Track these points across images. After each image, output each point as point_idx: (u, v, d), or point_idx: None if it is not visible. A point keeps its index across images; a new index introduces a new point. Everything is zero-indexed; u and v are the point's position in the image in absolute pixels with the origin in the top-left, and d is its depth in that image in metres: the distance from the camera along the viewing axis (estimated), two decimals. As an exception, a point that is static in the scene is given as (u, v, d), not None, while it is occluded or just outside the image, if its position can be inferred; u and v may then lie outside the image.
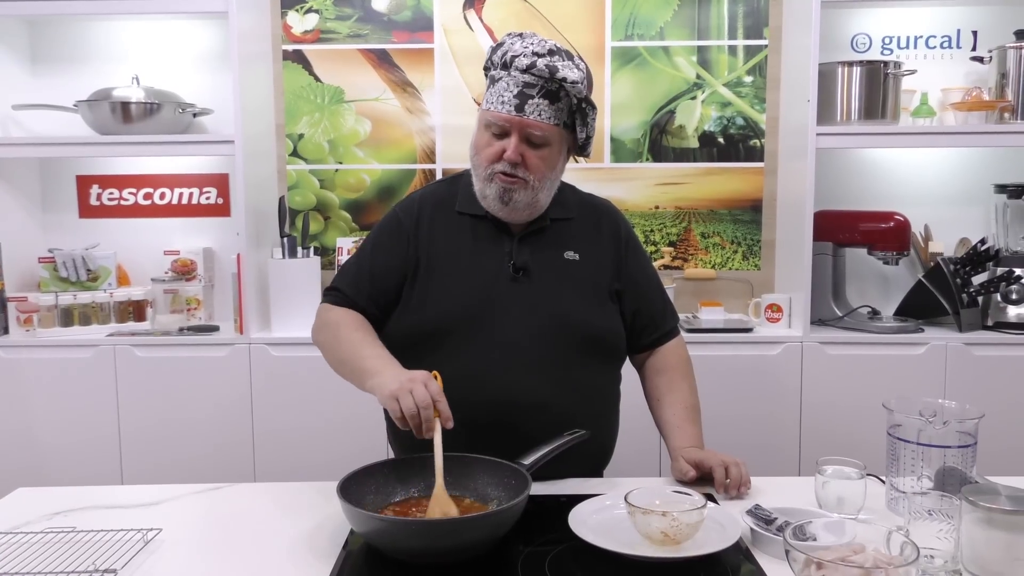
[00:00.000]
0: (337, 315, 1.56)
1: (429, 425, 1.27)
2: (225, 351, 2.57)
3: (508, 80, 1.45)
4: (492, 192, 1.50)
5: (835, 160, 2.80)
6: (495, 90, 1.47)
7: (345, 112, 2.87)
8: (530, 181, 1.48)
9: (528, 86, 1.44)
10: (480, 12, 2.83)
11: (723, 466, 1.43)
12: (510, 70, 1.45)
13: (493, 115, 1.46)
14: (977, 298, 2.62)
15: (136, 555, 1.20)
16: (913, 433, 1.31)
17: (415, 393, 1.27)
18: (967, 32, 2.78)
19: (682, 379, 1.65)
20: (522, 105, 1.44)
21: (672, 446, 1.57)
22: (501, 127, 1.46)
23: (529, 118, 1.44)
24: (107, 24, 2.82)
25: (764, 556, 1.18)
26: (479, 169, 1.51)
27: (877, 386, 2.50)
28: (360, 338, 1.49)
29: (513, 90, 1.44)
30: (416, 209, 1.60)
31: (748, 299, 2.80)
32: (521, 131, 1.45)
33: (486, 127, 1.49)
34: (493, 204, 1.52)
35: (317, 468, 2.49)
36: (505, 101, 1.45)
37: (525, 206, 1.51)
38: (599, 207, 1.67)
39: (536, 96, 1.44)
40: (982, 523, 1.05)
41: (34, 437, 2.59)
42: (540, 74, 1.43)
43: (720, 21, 2.82)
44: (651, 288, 1.67)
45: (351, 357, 1.46)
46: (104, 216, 2.90)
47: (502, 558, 1.18)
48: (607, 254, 1.60)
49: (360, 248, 1.63)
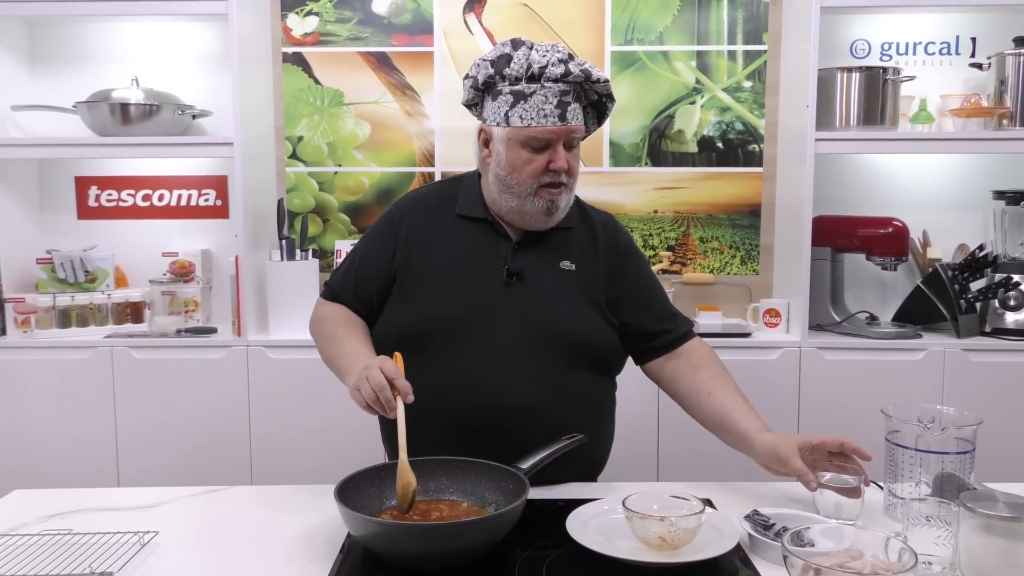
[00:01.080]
0: (326, 310, 1.62)
1: (390, 404, 1.30)
2: (223, 353, 2.56)
3: (545, 92, 1.44)
4: (537, 207, 1.49)
5: (834, 165, 2.80)
6: (530, 105, 1.44)
7: (344, 115, 2.87)
8: (569, 184, 1.50)
9: (564, 93, 1.45)
10: (480, 16, 2.83)
11: (837, 441, 1.35)
12: (542, 81, 1.44)
13: (538, 131, 1.44)
14: (975, 304, 2.63)
15: (133, 557, 1.20)
16: (911, 439, 1.31)
17: (371, 378, 1.31)
18: (966, 39, 2.79)
19: (726, 372, 1.60)
20: (564, 114, 1.45)
21: (747, 428, 1.46)
22: (547, 140, 1.45)
23: (573, 124, 1.46)
24: (107, 25, 2.82)
25: (762, 562, 1.18)
26: (521, 187, 1.48)
27: (875, 392, 2.50)
28: (343, 334, 1.52)
29: (553, 101, 1.44)
30: (411, 209, 1.60)
31: (746, 304, 2.80)
32: (566, 139, 1.47)
33: (523, 145, 1.46)
34: (536, 219, 1.51)
35: (314, 471, 2.48)
36: (548, 114, 1.44)
37: (563, 211, 1.53)
38: (599, 220, 1.65)
39: (572, 102, 1.46)
40: (980, 530, 1.05)
41: (31, 438, 2.58)
42: (576, 79, 1.45)
43: (720, 26, 2.82)
44: (653, 294, 1.64)
45: (333, 355, 1.51)
46: (102, 217, 2.90)
47: (500, 562, 1.18)
48: (602, 267, 1.59)
49: (356, 245, 1.65)
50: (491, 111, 1.50)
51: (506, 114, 1.46)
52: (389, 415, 1.30)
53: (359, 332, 1.54)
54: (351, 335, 1.52)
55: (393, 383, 1.30)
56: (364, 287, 1.58)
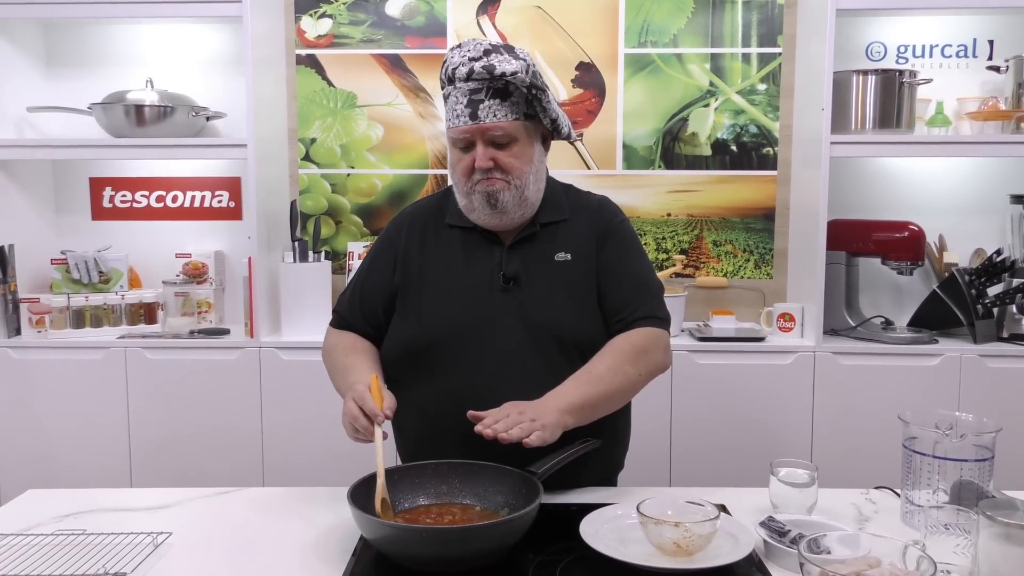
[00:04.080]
0: (333, 340, 1.63)
1: (367, 431, 1.33)
2: (235, 354, 2.57)
3: (456, 93, 1.46)
4: (478, 201, 1.49)
5: (849, 169, 2.78)
6: (449, 106, 1.48)
7: (357, 117, 2.87)
8: (511, 181, 1.48)
9: (475, 92, 1.45)
10: (493, 18, 2.83)
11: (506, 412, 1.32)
12: (455, 83, 1.46)
13: (454, 131, 1.48)
14: (992, 309, 2.60)
15: (146, 558, 1.20)
16: (929, 446, 1.30)
17: (346, 414, 1.36)
18: (983, 41, 2.77)
19: (608, 355, 1.48)
20: (475, 112, 1.45)
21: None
22: (465, 139, 1.47)
23: (486, 122, 1.45)
24: (121, 27, 2.84)
25: (778, 569, 1.17)
26: (460, 187, 1.52)
27: (890, 397, 2.48)
28: (348, 364, 1.53)
29: (463, 101, 1.45)
30: (406, 225, 1.61)
31: (760, 308, 2.78)
32: (483, 137, 1.46)
33: (453, 145, 1.51)
34: (483, 214, 1.51)
35: (326, 473, 2.48)
36: (459, 114, 1.46)
37: (515, 206, 1.50)
38: (591, 203, 1.63)
39: (486, 99, 1.45)
40: (1000, 538, 1.04)
41: (45, 438, 2.60)
42: (480, 77, 1.44)
43: (734, 29, 2.81)
44: (625, 276, 1.55)
45: (339, 388, 1.53)
46: (116, 218, 2.91)
47: (512, 567, 1.17)
48: (592, 248, 1.56)
49: (359, 266, 1.66)
50: None
51: (446, 117, 1.51)
52: (372, 439, 1.33)
53: (364, 360, 1.54)
54: (355, 365, 1.52)
55: (363, 409, 1.33)
56: (370, 307, 1.59)
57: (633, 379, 1.48)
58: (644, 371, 1.49)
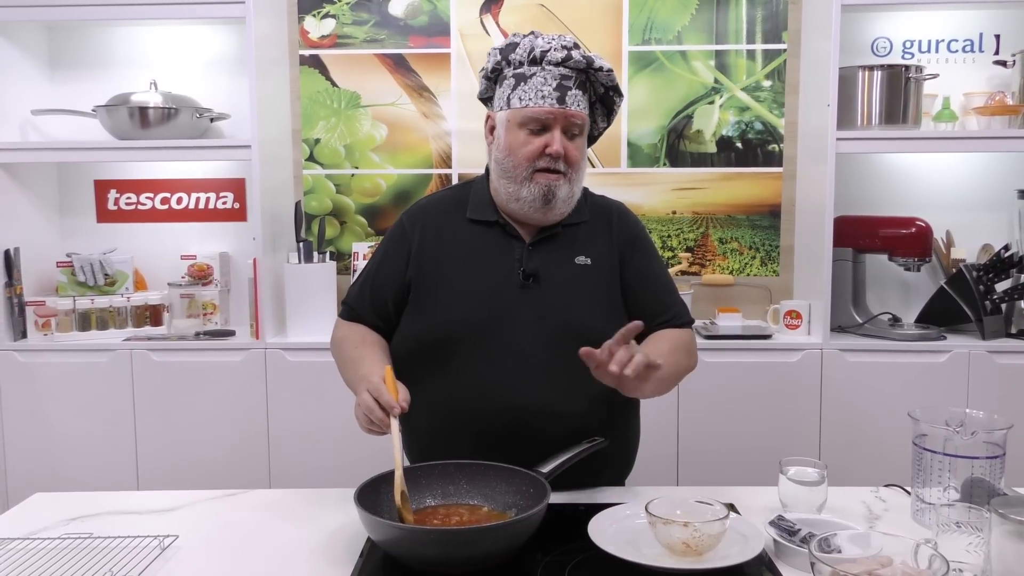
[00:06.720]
0: (343, 332, 1.60)
1: (383, 423, 1.31)
2: (241, 356, 2.57)
3: (544, 75, 1.45)
4: (533, 193, 1.47)
5: (855, 165, 2.77)
6: (529, 87, 1.45)
7: (361, 117, 2.87)
8: (568, 174, 1.48)
9: (565, 78, 1.45)
10: (497, 17, 2.82)
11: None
12: (543, 64, 1.45)
13: (534, 111, 1.45)
14: (1000, 305, 2.59)
15: (153, 562, 1.20)
16: (939, 443, 1.29)
17: (361, 405, 1.33)
18: (990, 36, 2.75)
19: (664, 341, 1.49)
20: (563, 97, 1.44)
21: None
22: (543, 122, 1.45)
23: (572, 109, 1.45)
24: (125, 29, 2.83)
25: (788, 568, 1.16)
26: (517, 171, 1.48)
27: (898, 394, 2.47)
28: (358, 356, 1.50)
29: (552, 83, 1.44)
30: (422, 217, 1.59)
31: (767, 305, 2.77)
32: (564, 122, 1.46)
33: (520, 126, 1.47)
34: (532, 206, 1.48)
35: (333, 474, 2.48)
36: (546, 95, 1.44)
37: (563, 202, 1.50)
38: (611, 209, 1.63)
39: (573, 87, 1.46)
40: (1013, 536, 1.02)
41: (51, 440, 2.60)
42: (577, 65, 1.44)
43: (738, 25, 2.80)
44: (656, 284, 1.58)
45: (350, 380, 1.50)
46: (121, 220, 2.91)
47: (521, 567, 1.16)
48: (616, 255, 1.57)
49: (370, 259, 1.64)
50: (497, 97, 1.52)
51: (508, 97, 1.48)
52: (388, 432, 1.30)
53: (374, 352, 1.52)
54: (366, 357, 1.49)
55: (379, 401, 1.31)
56: (380, 299, 1.57)
57: (683, 370, 1.51)
58: (689, 365, 1.53)
